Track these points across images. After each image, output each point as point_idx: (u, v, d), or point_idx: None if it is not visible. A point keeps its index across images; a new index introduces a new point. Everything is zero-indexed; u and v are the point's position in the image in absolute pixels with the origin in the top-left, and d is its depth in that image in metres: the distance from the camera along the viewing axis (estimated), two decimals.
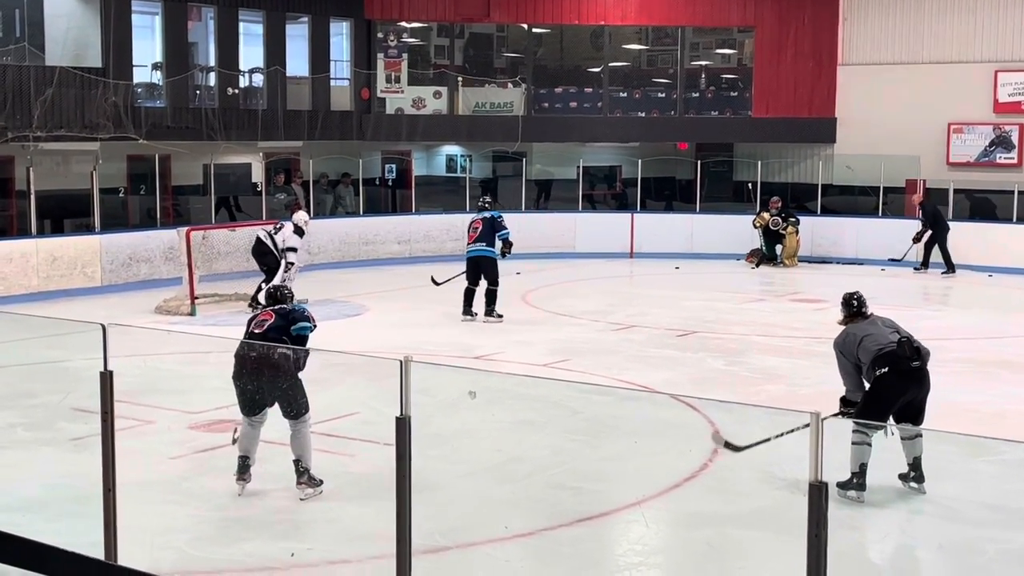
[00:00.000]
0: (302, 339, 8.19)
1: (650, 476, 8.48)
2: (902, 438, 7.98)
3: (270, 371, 8.01)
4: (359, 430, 9.09)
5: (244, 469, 8.00)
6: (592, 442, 9.57)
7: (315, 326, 8.33)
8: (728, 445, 8.22)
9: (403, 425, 4.79)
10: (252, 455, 8.03)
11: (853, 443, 7.78)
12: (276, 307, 8.31)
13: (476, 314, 15.14)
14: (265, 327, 8.16)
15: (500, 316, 15.12)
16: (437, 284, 16.34)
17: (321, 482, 8.01)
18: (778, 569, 6.70)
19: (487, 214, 15.54)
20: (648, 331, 14.67)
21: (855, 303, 8.43)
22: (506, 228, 15.41)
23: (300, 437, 7.99)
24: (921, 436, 7.91)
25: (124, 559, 5.54)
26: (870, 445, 7.81)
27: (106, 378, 5.44)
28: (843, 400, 8.26)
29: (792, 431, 7.77)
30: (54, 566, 2.83)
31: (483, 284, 15.24)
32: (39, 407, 10.58)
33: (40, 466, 8.81)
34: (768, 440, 7.63)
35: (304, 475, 7.96)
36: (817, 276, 20.42)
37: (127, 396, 7.45)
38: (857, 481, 7.79)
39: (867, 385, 8.07)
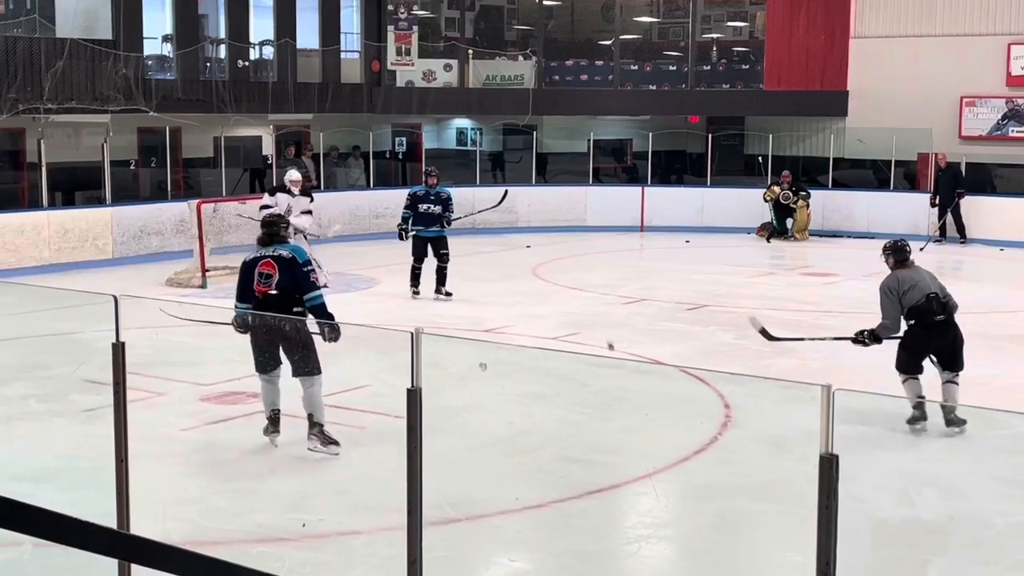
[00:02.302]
0: (322, 307, 8.24)
1: (660, 449, 8.49)
2: (943, 383, 8.90)
3: (287, 331, 8.07)
4: (370, 402, 9.11)
5: (276, 422, 8.07)
6: (602, 415, 9.58)
7: (323, 284, 8.37)
8: (764, 333, 9.12)
9: (414, 397, 4.80)
10: (279, 404, 8.11)
11: (903, 381, 8.85)
12: (274, 255, 8.31)
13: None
14: (273, 285, 8.18)
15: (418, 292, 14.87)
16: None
17: (338, 444, 8.05)
18: (787, 541, 6.72)
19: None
20: (658, 304, 14.66)
21: (907, 251, 9.25)
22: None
23: (312, 396, 8.06)
24: (955, 383, 8.81)
25: (136, 528, 5.57)
26: (916, 379, 8.85)
27: (118, 349, 5.45)
28: (871, 333, 8.98)
29: (825, 339, 8.41)
30: (68, 535, 2.85)
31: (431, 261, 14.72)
32: (51, 379, 10.64)
33: (53, 437, 8.86)
34: (802, 340, 8.25)
35: (315, 428, 8.02)
36: (828, 250, 20.35)
37: (139, 368, 7.48)
38: (919, 412, 8.67)
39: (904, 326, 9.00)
